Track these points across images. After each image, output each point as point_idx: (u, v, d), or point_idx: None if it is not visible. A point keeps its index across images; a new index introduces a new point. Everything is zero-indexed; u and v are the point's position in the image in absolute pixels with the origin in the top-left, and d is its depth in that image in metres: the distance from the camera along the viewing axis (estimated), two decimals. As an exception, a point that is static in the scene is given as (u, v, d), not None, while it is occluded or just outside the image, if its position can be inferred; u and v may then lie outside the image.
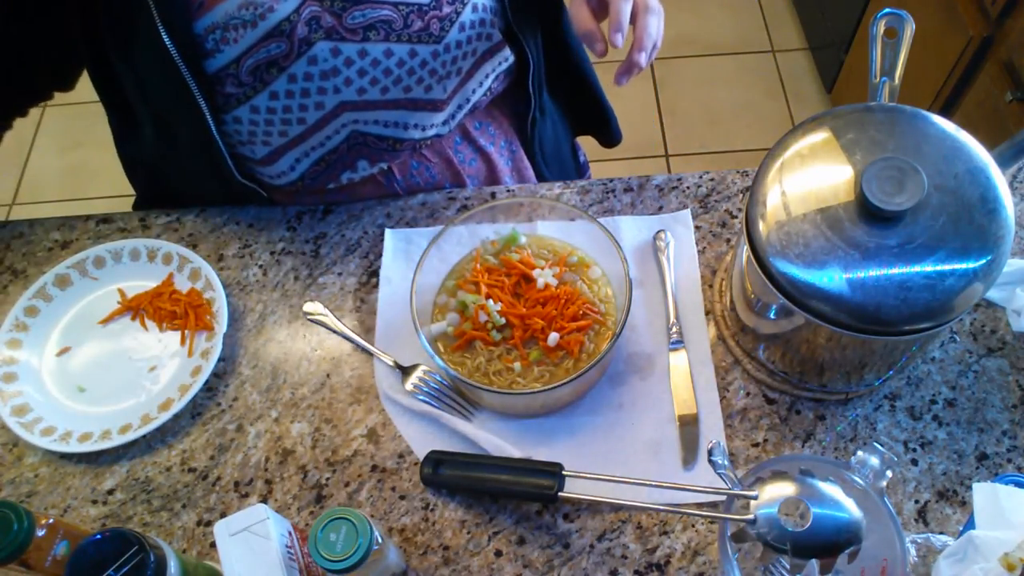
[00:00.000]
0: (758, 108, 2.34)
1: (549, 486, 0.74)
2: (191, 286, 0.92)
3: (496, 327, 0.83)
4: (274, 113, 0.85)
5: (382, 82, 0.86)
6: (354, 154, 0.93)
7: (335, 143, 0.91)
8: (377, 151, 0.93)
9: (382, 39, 0.82)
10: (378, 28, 0.82)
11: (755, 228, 0.71)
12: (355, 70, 0.84)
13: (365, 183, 0.98)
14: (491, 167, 1.04)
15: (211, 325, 0.89)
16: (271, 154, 0.91)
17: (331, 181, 0.96)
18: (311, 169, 0.93)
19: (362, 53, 0.83)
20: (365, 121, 0.89)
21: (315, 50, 0.81)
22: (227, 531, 0.66)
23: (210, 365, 0.86)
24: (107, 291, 0.94)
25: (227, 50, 0.79)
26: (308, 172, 0.94)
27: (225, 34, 0.79)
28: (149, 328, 0.91)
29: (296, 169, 0.93)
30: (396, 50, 0.83)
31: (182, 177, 0.99)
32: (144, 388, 0.87)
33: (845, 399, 0.82)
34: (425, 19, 0.83)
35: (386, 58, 0.84)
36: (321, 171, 0.94)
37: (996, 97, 1.53)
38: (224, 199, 0.98)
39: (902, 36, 0.75)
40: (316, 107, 0.86)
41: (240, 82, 0.82)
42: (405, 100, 0.89)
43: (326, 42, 0.81)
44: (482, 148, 1.02)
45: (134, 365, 0.89)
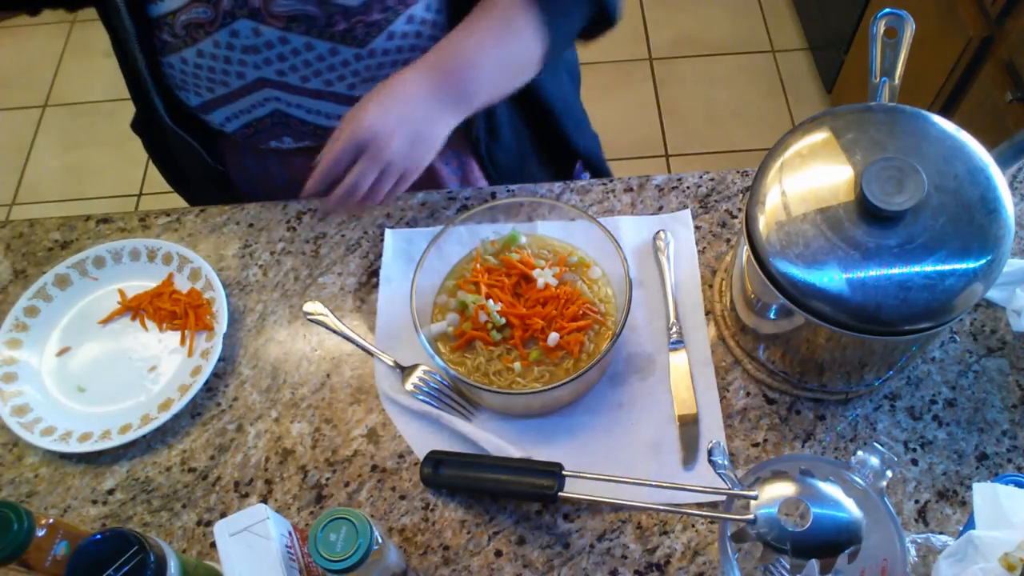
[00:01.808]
0: (758, 108, 2.34)
1: (549, 486, 0.74)
2: (191, 286, 0.92)
3: (496, 327, 0.83)
4: (200, 69, 0.88)
5: (301, 71, 0.86)
6: (278, 130, 0.94)
7: (259, 115, 0.92)
8: (301, 132, 0.94)
9: (303, 32, 0.83)
10: (301, 20, 0.82)
11: (755, 228, 0.71)
12: (275, 53, 0.85)
13: (296, 153, 0.98)
14: (432, 174, 1.03)
15: (211, 325, 0.89)
16: (204, 105, 0.93)
17: (260, 143, 0.97)
18: (241, 130, 0.95)
19: (283, 40, 0.84)
20: (288, 103, 0.90)
21: (237, 25, 0.83)
22: (227, 531, 0.66)
23: (210, 365, 0.86)
24: (107, 291, 0.94)
25: (166, 2, 0.83)
26: (239, 132, 0.95)
27: None
28: (149, 328, 0.91)
29: (227, 126, 0.95)
30: (317, 45, 0.84)
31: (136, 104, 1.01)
32: (144, 388, 0.87)
33: (845, 399, 0.82)
34: (350, 22, 0.83)
35: (307, 50, 0.84)
36: (251, 134, 0.95)
37: (996, 97, 1.53)
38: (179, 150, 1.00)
39: (902, 36, 0.75)
40: (237, 76, 0.88)
41: (174, 33, 0.85)
42: (328, 92, 0.89)
43: (248, 21, 0.83)
44: None
45: (134, 365, 0.89)
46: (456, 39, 0.83)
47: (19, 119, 2.50)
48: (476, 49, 0.83)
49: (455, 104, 0.82)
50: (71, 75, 2.60)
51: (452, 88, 0.81)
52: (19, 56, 2.64)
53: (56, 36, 2.68)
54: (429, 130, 0.80)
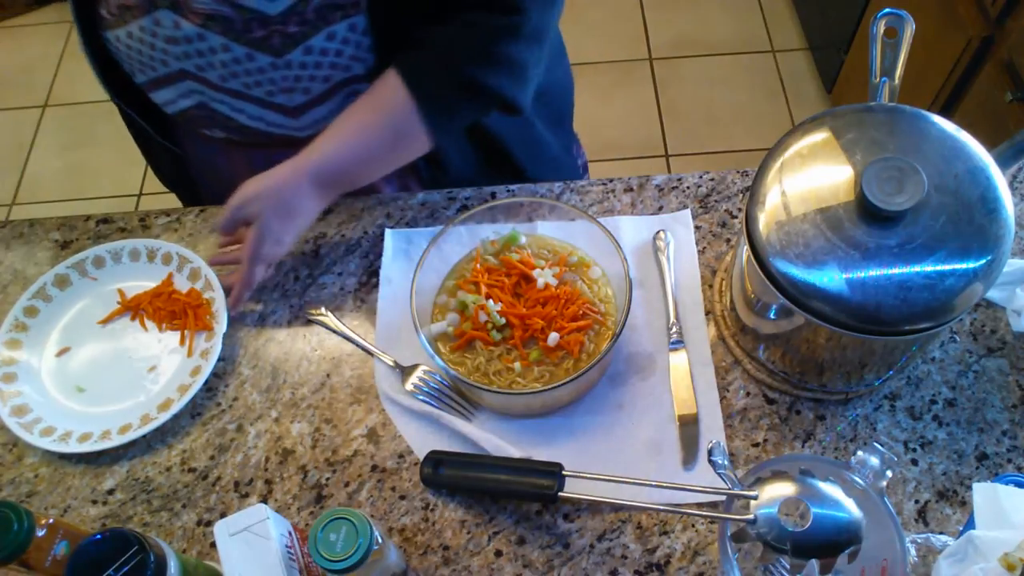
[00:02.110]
0: (758, 108, 2.34)
1: (549, 486, 0.74)
2: (191, 286, 0.92)
3: (496, 327, 0.83)
4: (131, 50, 0.88)
5: (219, 71, 0.86)
6: (208, 121, 0.94)
7: (187, 105, 0.92)
8: (226, 128, 0.94)
9: (220, 32, 0.82)
10: (218, 20, 0.82)
11: (755, 228, 0.71)
12: (194, 48, 0.84)
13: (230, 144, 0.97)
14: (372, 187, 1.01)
15: (211, 325, 0.89)
16: (146, 84, 0.92)
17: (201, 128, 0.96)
18: (180, 115, 0.94)
19: (201, 37, 0.83)
20: (211, 98, 0.90)
21: (159, 14, 0.83)
22: (227, 531, 0.66)
23: (210, 365, 0.86)
24: (107, 291, 0.94)
25: None
26: (179, 116, 0.95)
27: None
28: (149, 328, 0.91)
29: (170, 108, 0.94)
30: (234, 48, 0.83)
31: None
32: (144, 388, 0.87)
33: (845, 399, 0.82)
34: (267, 30, 0.82)
35: (223, 51, 0.84)
36: (188, 119, 0.95)
37: (996, 97, 1.53)
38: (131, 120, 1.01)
39: (902, 36, 0.75)
40: (162, 63, 0.88)
41: (110, 11, 0.86)
42: (247, 95, 0.88)
43: (169, 12, 0.83)
44: None
45: (134, 365, 0.89)
46: (334, 143, 0.85)
47: (19, 119, 2.50)
48: (351, 157, 0.85)
49: (329, 194, 0.87)
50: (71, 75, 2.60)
51: (327, 187, 0.86)
52: (19, 56, 2.64)
53: (56, 36, 2.68)
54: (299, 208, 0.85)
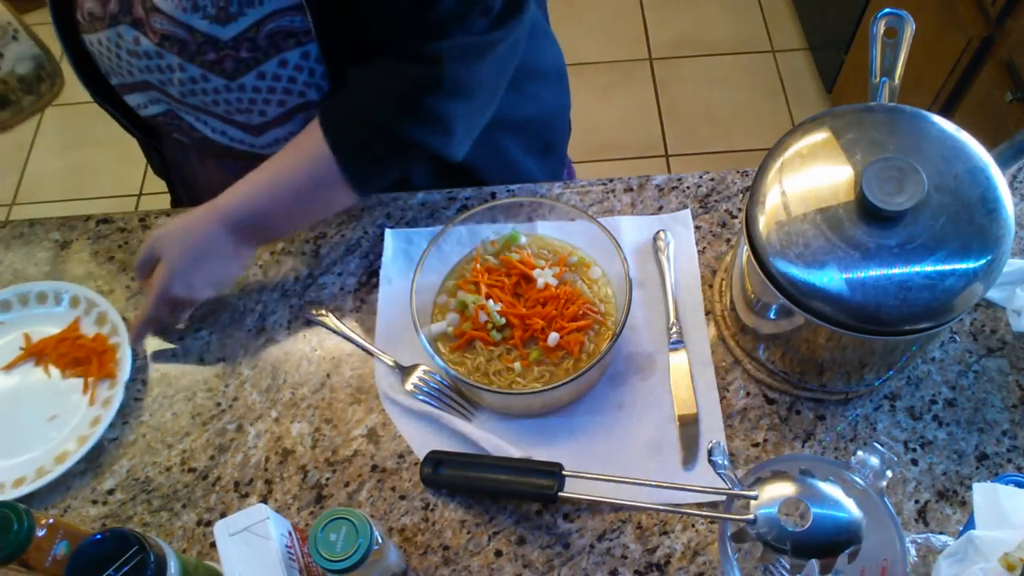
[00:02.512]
0: (758, 108, 2.34)
1: (549, 486, 0.74)
2: (97, 331, 0.90)
3: (496, 327, 0.83)
4: (101, 56, 0.89)
5: (178, 87, 0.86)
6: (174, 128, 0.94)
7: (155, 111, 0.92)
8: (192, 138, 0.94)
9: (176, 52, 0.83)
10: (173, 42, 0.82)
11: (755, 228, 0.71)
12: (154, 64, 0.85)
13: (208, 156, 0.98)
14: None
15: (114, 372, 0.87)
16: (119, 87, 0.93)
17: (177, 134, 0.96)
18: (155, 118, 0.95)
19: (159, 54, 0.84)
20: (177, 108, 0.90)
21: (121, 28, 0.84)
22: (227, 531, 0.66)
23: (110, 415, 0.84)
24: (13, 336, 0.91)
25: None
26: (151, 120, 0.95)
27: None
28: (52, 375, 0.89)
29: (142, 112, 0.94)
30: (189, 68, 0.83)
31: None
32: (43, 438, 0.85)
33: (845, 399, 0.82)
34: (219, 54, 0.82)
35: (180, 70, 0.84)
36: (162, 123, 0.95)
37: (996, 97, 1.53)
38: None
39: (902, 36, 0.75)
40: (127, 72, 0.88)
41: (83, 16, 0.87)
42: (206, 111, 0.88)
43: (131, 28, 0.83)
44: None
45: (34, 413, 0.87)
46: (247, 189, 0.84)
47: (19, 119, 2.50)
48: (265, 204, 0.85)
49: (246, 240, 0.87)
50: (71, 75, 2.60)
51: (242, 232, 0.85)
52: (19, 56, 2.64)
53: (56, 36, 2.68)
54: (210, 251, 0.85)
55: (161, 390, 0.88)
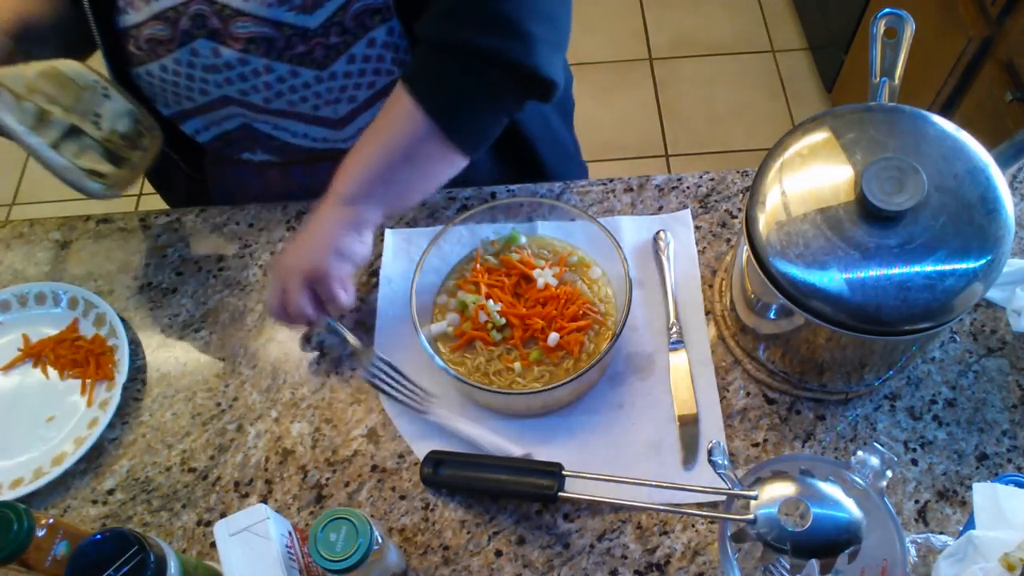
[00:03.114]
0: (758, 108, 2.34)
1: (549, 486, 0.74)
2: (96, 332, 0.90)
3: (496, 327, 0.83)
4: (166, 83, 0.87)
5: (263, 92, 0.86)
6: (250, 143, 0.94)
7: (228, 128, 0.92)
8: (271, 147, 0.94)
9: (262, 54, 0.82)
10: (259, 42, 0.82)
11: (755, 228, 0.71)
12: (236, 74, 0.84)
13: (269, 167, 0.98)
14: None
15: (111, 374, 0.87)
16: (175, 116, 0.92)
17: (233, 154, 0.96)
18: (213, 142, 0.95)
19: (242, 61, 0.83)
20: (255, 119, 0.90)
21: (197, 44, 0.83)
22: (227, 531, 0.66)
23: (107, 416, 0.84)
24: (11, 336, 0.92)
25: (132, 14, 0.83)
26: (211, 143, 0.95)
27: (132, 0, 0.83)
28: (50, 376, 0.89)
29: (199, 137, 0.94)
30: (276, 67, 0.83)
31: None
32: (40, 440, 0.85)
33: (845, 399, 0.82)
34: (309, 44, 0.82)
35: (267, 72, 0.84)
36: (223, 146, 0.95)
37: (996, 97, 1.53)
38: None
39: (902, 36, 0.75)
40: (201, 92, 0.87)
41: (139, 46, 0.85)
42: (292, 112, 0.88)
43: (208, 41, 0.82)
44: None
45: (32, 414, 0.87)
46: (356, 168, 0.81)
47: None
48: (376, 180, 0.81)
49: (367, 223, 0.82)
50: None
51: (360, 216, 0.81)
52: (19, 56, 2.64)
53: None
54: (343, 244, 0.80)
55: (161, 390, 0.88)
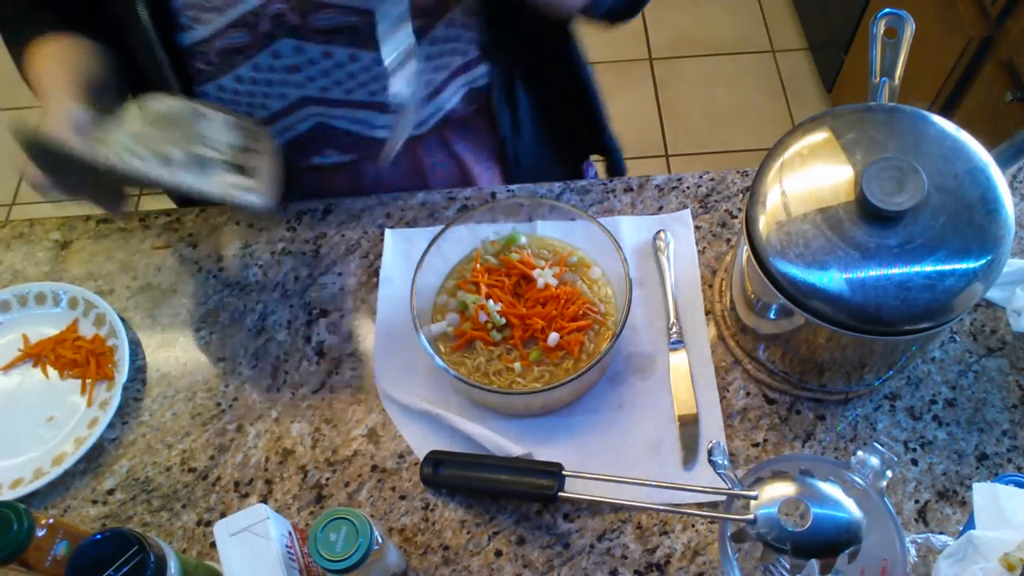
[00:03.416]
0: (758, 108, 2.34)
1: (549, 486, 0.74)
2: (95, 332, 0.90)
3: (496, 327, 0.83)
4: (239, 95, 0.86)
5: (345, 84, 0.85)
6: (321, 143, 0.94)
7: (301, 130, 0.92)
8: (345, 144, 0.94)
9: (346, 43, 0.82)
10: (343, 32, 0.81)
11: (755, 228, 0.71)
12: (318, 69, 0.84)
13: (336, 171, 0.98)
14: (464, 171, 1.03)
15: (111, 374, 0.87)
16: None
17: (302, 161, 0.96)
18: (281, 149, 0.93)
19: (326, 54, 0.83)
20: (331, 116, 0.90)
21: (278, 45, 0.82)
22: (227, 531, 0.66)
23: (107, 416, 0.84)
24: (12, 337, 0.91)
25: (200, 29, 0.81)
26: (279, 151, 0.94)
27: (199, 14, 0.80)
28: (50, 376, 0.89)
29: None
30: (361, 56, 0.83)
31: None
32: (39, 440, 0.85)
33: (845, 399, 0.82)
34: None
35: (351, 62, 0.83)
36: (291, 153, 0.94)
37: (996, 97, 1.53)
38: None
39: (902, 36, 0.75)
40: (279, 97, 0.87)
41: (209, 61, 0.83)
42: (371, 102, 0.88)
43: (290, 39, 0.82)
44: (457, 154, 1.01)
45: (32, 414, 0.86)
46: None
47: (19, 119, 2.49)
48: None
49: None
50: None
51: None
52: (19, 56, 2.64)
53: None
54: None
55: (161, 390, 0.88)
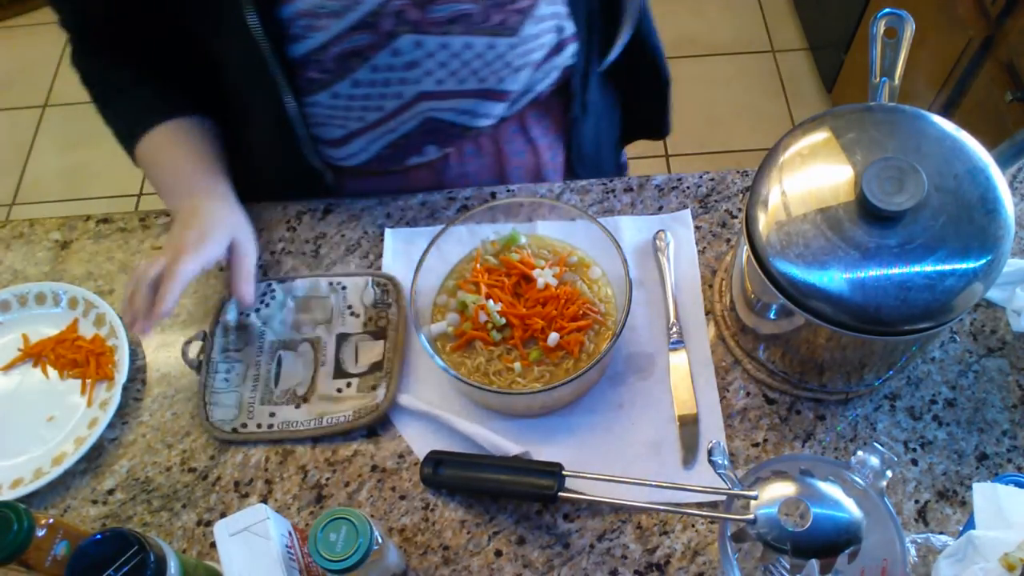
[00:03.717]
0: (758, 108, 2.34)
1: (549, 486, 0.74)
2: (95, 332, 0.90)
3: (496, 327, 0.83)
4: (354, 100, 0.86)
5: (460, 73, 0.86)
6: (424, 139, 0.93)
7: (408, 128, 0.91)
8: (447, 137, 0.94)
9: (462, 32, 0.82)
10: (459, 21, 0.82)
11: (755, 228, 0.71)
12: (436, 62, 0.84)
13: (420, 168, 0.98)
14: (538, 160, 1.04)
15: (111, 374, 0.87)
16: (345, 137, 0.91)
17: (397, 164, 0.96)
18: (380, 152, 0.94)
19: (443, 46, 0.83)
20: (440, 108, 0.90)
21: (399, 42, 0.81)
22: (227, 531, 0.66)
23: (107, 416, 0.84)
24: (12, 337, 0.91)
25: (314, 37, 0.80)
26: (377, 155, 0.94)
27: (313, 21, 0.79)
28: (50, 376, 0.89)
29: (367, 151, 0.93)
30: (475, 43, 0.84)
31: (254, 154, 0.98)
32: (40, 440, 0.85)
33: (845, 399, 0.82)
34: (504, 12, 0.83)
35: (466, 50, 0.84)
36: (390, 154, 0.94)
37: (996, 97, 1.53)
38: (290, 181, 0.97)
39: (902, 36, 0.75)
40: (395, 96, 0.86)
41: (324, 69, 0.82)
42: (480, 90, 0.89)
43: (411, 35, 0.81)
44: (534, 140, 1.02)
45: (32, 414, 0.87)
46: None
47: (19, 119, 2.50)
48: None
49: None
50: (71, 75, 2.59)
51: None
52: (19, 56, 2.64)
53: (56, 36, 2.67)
54: None
55: (161, 390, 0.88)
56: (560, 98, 1.00)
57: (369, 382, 0.84)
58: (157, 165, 0.92)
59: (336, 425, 0.82)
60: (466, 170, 1.00)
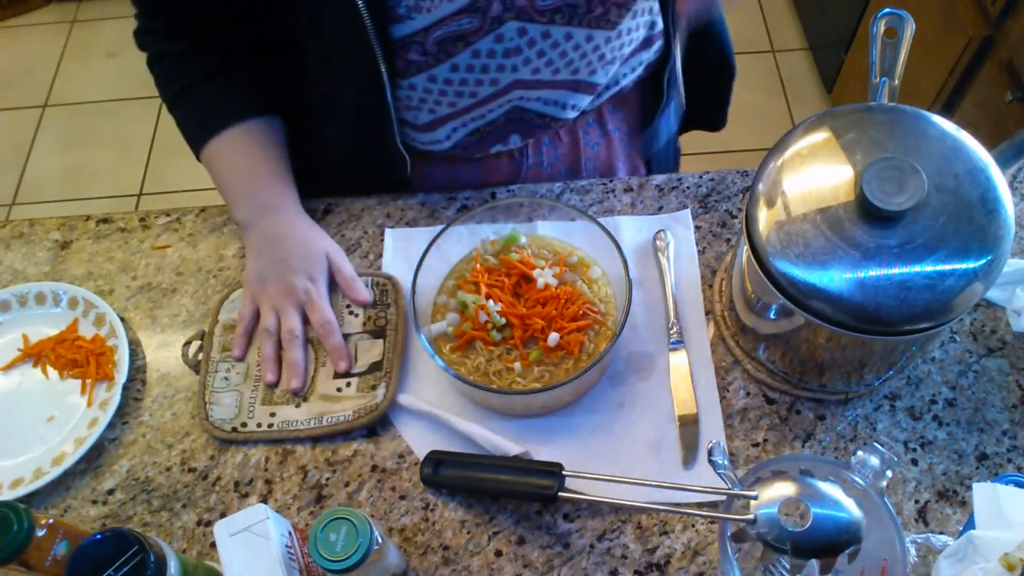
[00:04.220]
0: (758, 108, 2.34)
1: (549, 486, 0.74)
2: (95, 332, 0.90)
3: (496, 327, 0.83)
4: (450, 84, 0.85)
5: (556, 64, 0.86)
6: (509, 128, 0.93)
7: (495, 116, 0.91)
8: (531, 127, 0.94)
9: (565, 23, 0.83)
10: (564, 12, 0.82)
11: (755, 228, 0.71)
12: (535, 51, 0.84)
13: (499, 157, 0.98)
14: (610, 153, 1.04)
15: (111, 375, 0.87)
16: (433, 122, 0.90)
17: (480, 152, 0.96)
18: (465, 139, 0.93)
19: (545, 35, 0.83)
20: (530, 98, 0.90)
21: (504, 28, 0.81)
22: (227, 531, 0.66)
23: (107, 416, 0.84)
24: (12, 337, 0.91)
25: (419, 18, 0.79)
26: (461, 142, 0.94)
27: (420, 2, 0.78)
28: (50, 376, 0.89)
29: (451, 138, 0.93)
30: (575, 34, 0.84)
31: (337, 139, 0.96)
32: (40, 440, 0.85)
33: (845, 399, 0.82)
34: (606, 5, 0.83)
35: (565, 41, 0.84)
36: (474, 142, 0.94)
37: (996, 97, 1.53)
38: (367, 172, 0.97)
39: (902, 36, 0.75)
40: (491, 83, 0.86)
41: (424, 51, 0.81)
42: (571, 81, 0.89)
43: (516, 22, 0.81)
44: (609, 132, 1.02)
45: (32, 414, 0.87)
46: None
47: (19, 119, 2.50)
48: None
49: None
50: (71, 75, 2.60)
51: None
52: (19, 56, 2.65)
53: (56, 36, 2.68)
54: None
55: (161, 390, 0.88)
56: (638, 91, 1.01)
57: (369, 382, 0.84)
58: (229, 170, 0.92)
59: (336, 425, 0.82)
60: (542, 160, 1.00)
